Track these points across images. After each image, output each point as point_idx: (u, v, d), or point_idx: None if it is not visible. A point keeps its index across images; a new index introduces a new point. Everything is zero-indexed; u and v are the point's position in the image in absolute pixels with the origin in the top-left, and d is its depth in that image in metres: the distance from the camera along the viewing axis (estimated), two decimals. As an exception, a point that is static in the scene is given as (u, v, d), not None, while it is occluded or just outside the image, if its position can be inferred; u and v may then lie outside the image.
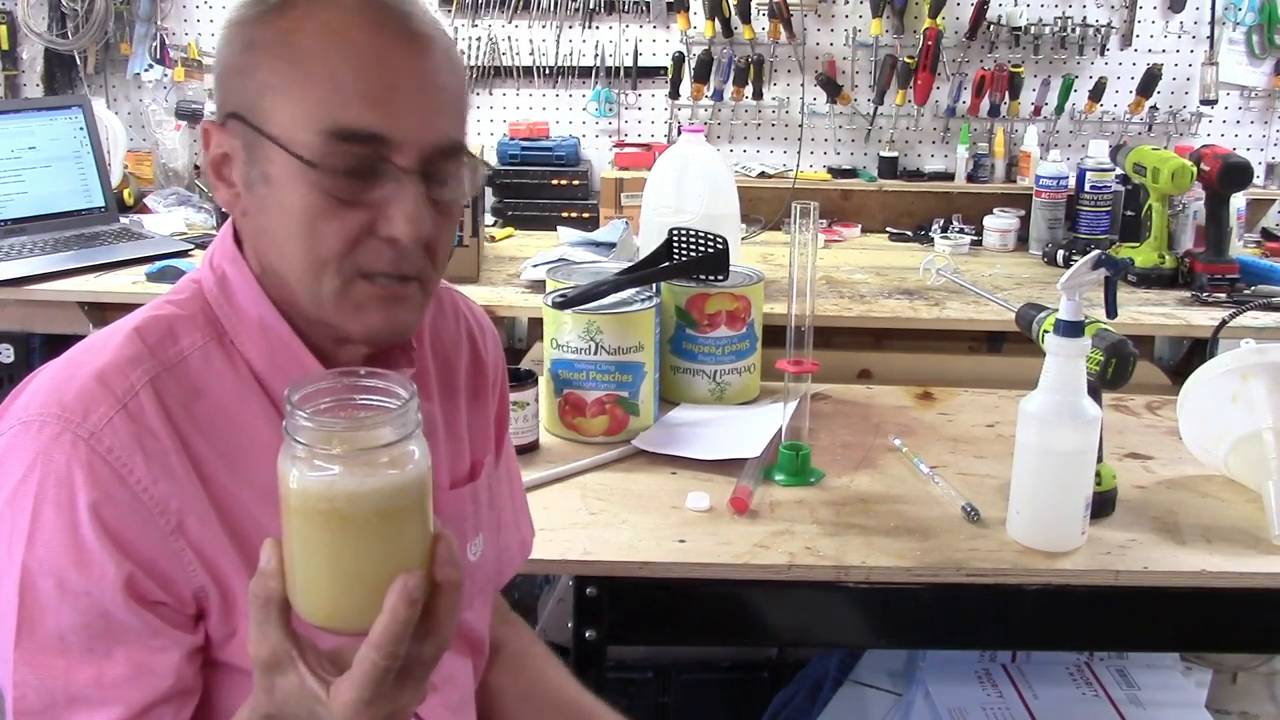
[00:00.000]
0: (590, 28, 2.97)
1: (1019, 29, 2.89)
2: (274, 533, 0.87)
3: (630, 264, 1.81)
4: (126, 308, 0.91)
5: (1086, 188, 2.66)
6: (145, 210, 2.76)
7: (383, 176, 0.85)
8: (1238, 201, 2.46)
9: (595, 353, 1.62)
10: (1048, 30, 2.89)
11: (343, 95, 0.83)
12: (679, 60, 2.88)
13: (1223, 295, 2.30)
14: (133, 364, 0.85)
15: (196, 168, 2.95)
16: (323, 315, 0.89)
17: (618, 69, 2.98)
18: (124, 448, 0.82)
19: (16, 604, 0.80)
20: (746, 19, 2.87)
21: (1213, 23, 2.88)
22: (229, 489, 0.87)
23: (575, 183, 2.88)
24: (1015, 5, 2.88)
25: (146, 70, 2.98)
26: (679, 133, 2.65)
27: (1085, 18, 2.90)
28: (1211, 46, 2.89)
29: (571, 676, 1.24)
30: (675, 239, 1.77)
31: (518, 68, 2.99)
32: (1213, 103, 2.91)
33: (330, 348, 0.93)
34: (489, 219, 2.83)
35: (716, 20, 2.87)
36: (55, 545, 0.80)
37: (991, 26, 2.88)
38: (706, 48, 2.91)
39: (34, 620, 0.81)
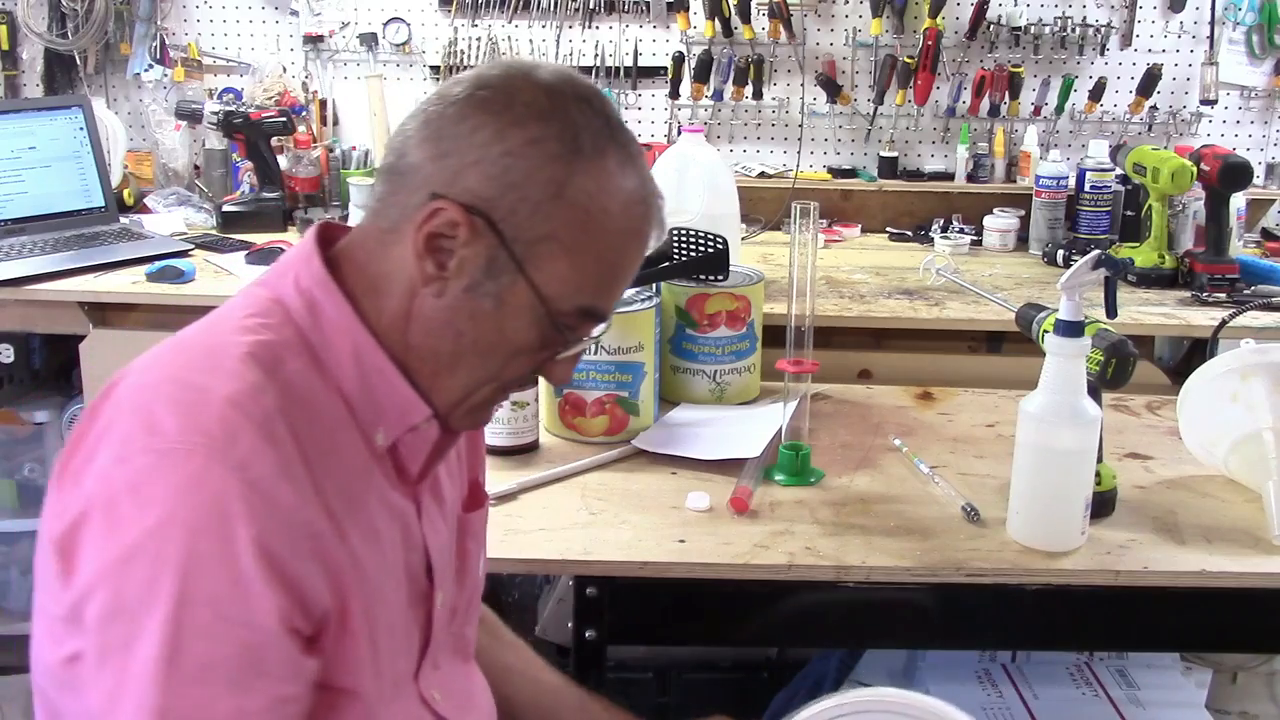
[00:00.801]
0: (590, 28, 2.97)
1: (1019, 29, 2.89)
2: (363, 556, 0.89)
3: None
4: (127, 308, 0.91)
5: (1086, 188, 2.66)
6: (145, 210, 2.76)
7: (579, 343, 0.96)
8: (1238, 201, 2.46)
9: (595, 353, 1.62)
10: (1048, 30, 2.89)
11: (613, 287, 0.94)
12: (679, 60, 2.88)
13: (1223, 295, 2.30)
14: (262, 390, 0.84)
15: (196, 167, 2.95)
16: (444, 404, 0.95)
17: (618, 69, 2.98)
18: (272, 475, 0.82)
19: (165, 635, 0.78)
20: (746, 19, 2.87)
21: (1213, 23, 2.88)
22: (338, 511, 0.88)
23: (575, 183, 2.87)
24: (1015, 5, 2.88)
25: (146, 70, 2.98)
26: (679, 133, 2.65)
27: (1085, 18, 2.90)
28: (1211, 46, 2.89)
29: (539, 659, 1.30)
30: (675, 239, 1.77)
31: (518, 68, 2.98)
32: (1213, 103, 2.91)
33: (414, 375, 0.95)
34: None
35: (716, 20, 2.87)
36: (214, 576, 0.79)
37: (991, 26, 2.88)
38: (706, 48, 2.91)
39: (183, 651, 0.78)
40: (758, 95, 2.95)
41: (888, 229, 2.92)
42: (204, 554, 0.79)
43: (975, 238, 2.81)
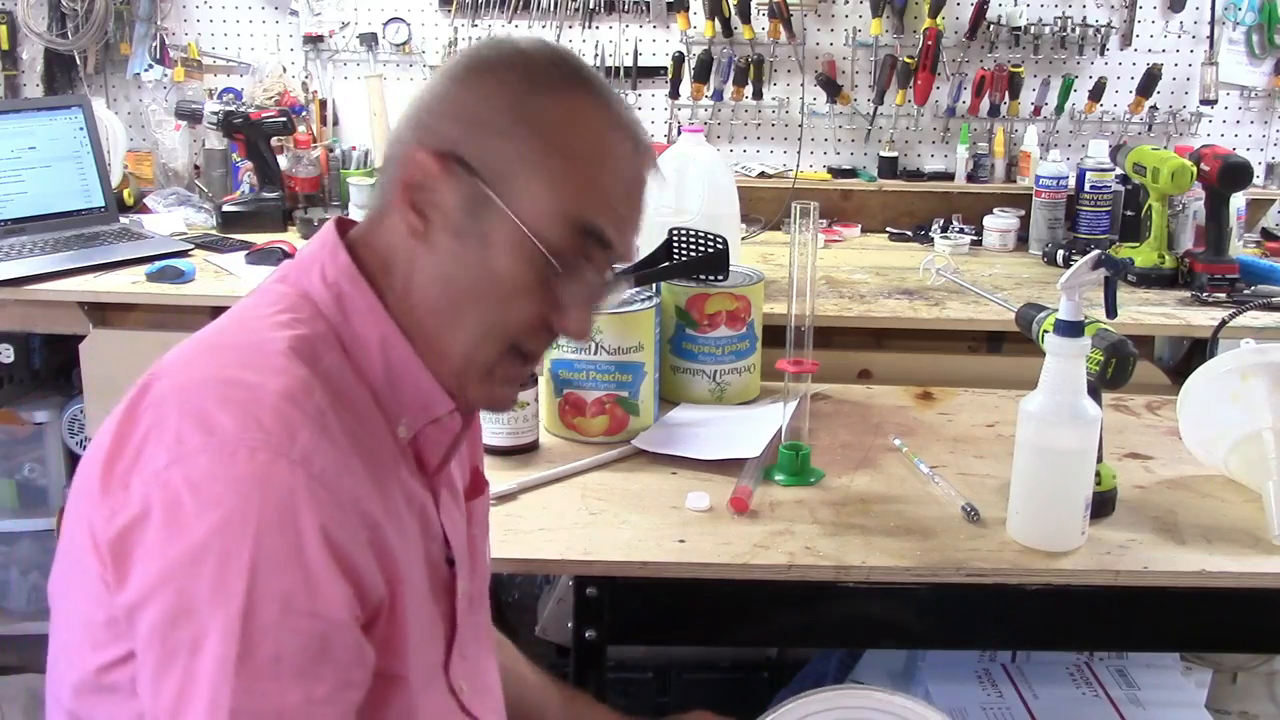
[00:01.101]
0: (590, 28, 2.97)
1: (1019, 29, 2.89)
2: (396, 547, 0.90)
3: (630, 264, 1.81)
4: (126, 308, 0.92)
5: (1086, 188, 2.66)
6: (145, 210, 2.76)
7: (583, 279, 0.92)
8: (1238, 201, 2.46)
9: (595, 353, 1.62)
10: (1048, 30, 2.89)
11: (600, 199, 0.91)
12: (679, 60, 2.88)
13: (1223, 295, 2.30)
14: (311, 384, 0.86)
15: (196, 167, 2.95)
16: (455, 371, 0.93)
17: (618, 69, 2.98)
18: (332, 468, 0.83)
19: (235, 633, 0.78)
20: (746, 19, 2.87)
21: (1213, 23, 2.88)
22: (381, 506, 0.89)
23: (575, 183, 2.87)
24: (1015, 5, 2.88)
25: (146, 70, 2.98)
26: (679, 133, 2.65)
27: (1085, 18, 2.90)
28: (1211, 46, 2.89)
29: (523, 657, 1.31)
30: (675, 239, 1.77)
31: (518, 68, 2.98)
32: (1213, 103, 2.91)
33: (436, 366, 0.95)
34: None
35: (716, 20, 2.87)
36: (284, 572, 0.79)
37: (991, 26, 2.88)
38: (706, 48, 2.91)
39: (254, 646, 0.78)
40: (758, 95, 2.95)
41: (888, 229, 2.92)
42: (273, 550, 0.79)
43: (975, 238, 2.81)
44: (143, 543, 0.80)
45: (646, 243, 2.15)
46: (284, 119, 2.73)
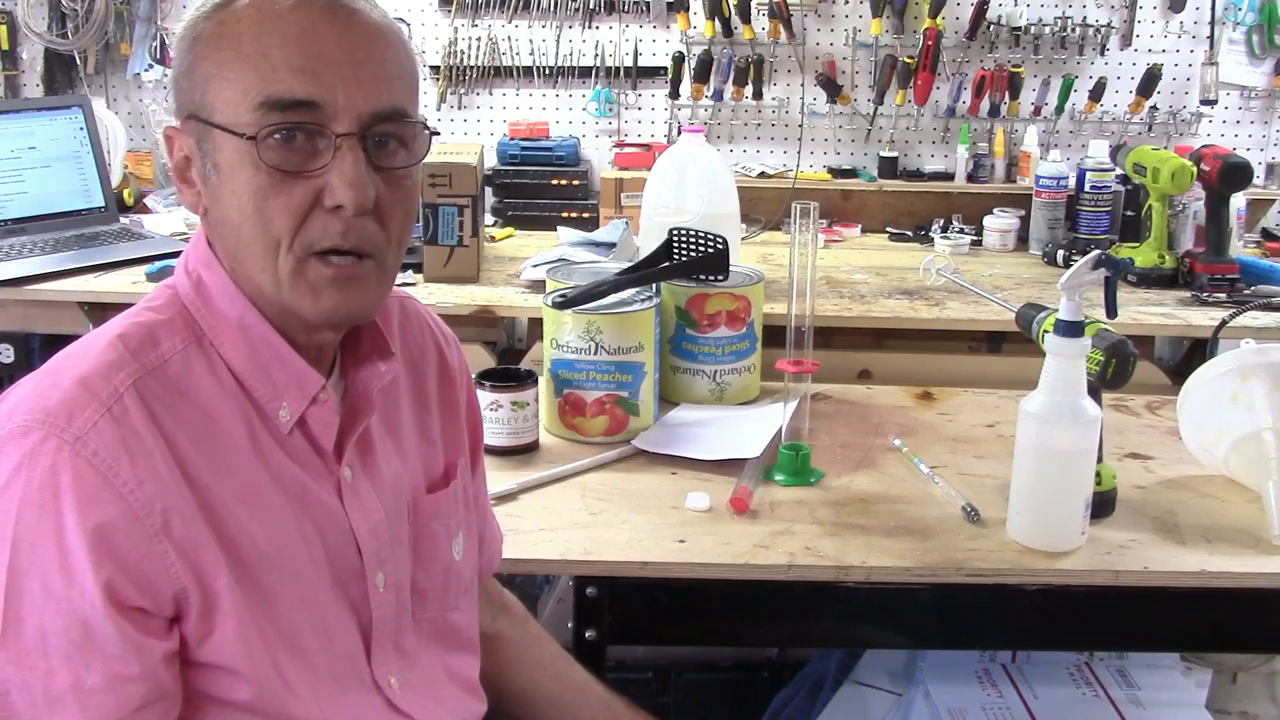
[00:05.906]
0: (590, 28, 2.97)
1: (1019, 29, 2.89)
2: (255, 533, 0.89)
3: (630, 264, 1.82)
4: (126, 308, 0.94)
5: (1086, 188, 2.66)
6: (145, 210, 2.76)
7: (322, 146, 0.88)
8: (1238, 201, 2.46)
9: (595, 353, 1.62)
10: (1048, 30, 2.89)
11: (274, 67, 0.86)
12: (679, 60, 2.88)
13: (1223, 295, 2.30)
14: (115, 368, 0.87)
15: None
16: (282, 300, 0.91)
17: (618, 69, 2.98)
18: (109, 450, 0.83)
19: (2, 605, 0.81)
20: (746, 19, 2.87)
21: (1213, 23, 2.88)
22: (211, 489, 0.88)
23: (575, 183, 2.87)
24: (1015, 5, 2.88)
25: (146, 70, 2.98)
26: (679, 133, 2.65)
27: (1085, 18, 2.90)
28: (1211, 46, 2.89)
29: (565, 655, 1.28)
30: (675, 239, 1.77)
31: (518, 68, 2.99)
32: (1213, 103, 2.91)
33: (304, 338, 0.95)
34: (489, 219, 2.83)
35: (716, 20, 2.87)
36: (40, 549, 0.81)
37: (991, 26, 2.88)
38: (706, 48, 2.91)
39: (20, 620, 0.81)
40: (758, 95, 2.95)
41: (888, 229, 2.92)
42: (31, 526, 0.81)
43: (975, 238, 2.81)
44: None
45: (646, 243, 2.16)
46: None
